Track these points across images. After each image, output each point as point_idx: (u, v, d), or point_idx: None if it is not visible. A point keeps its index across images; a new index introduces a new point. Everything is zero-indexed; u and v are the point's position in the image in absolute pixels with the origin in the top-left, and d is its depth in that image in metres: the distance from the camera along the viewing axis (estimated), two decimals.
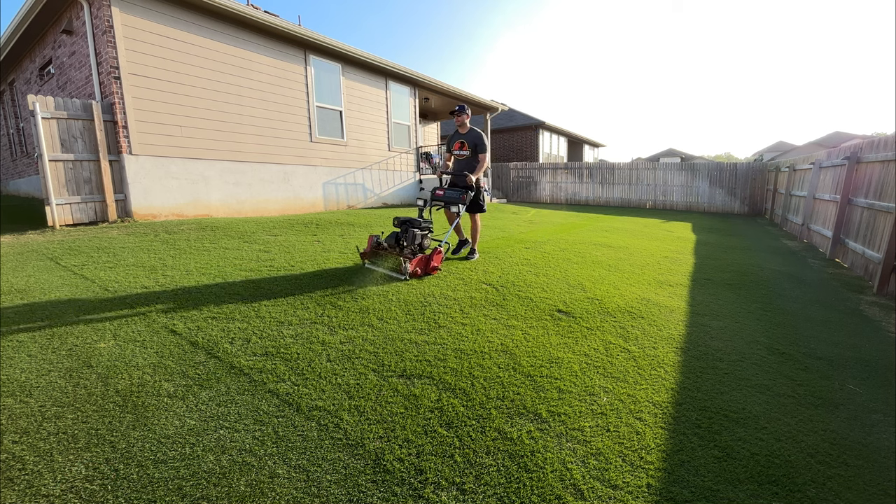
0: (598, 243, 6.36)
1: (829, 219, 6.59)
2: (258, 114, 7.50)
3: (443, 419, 1.86)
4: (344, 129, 9.16)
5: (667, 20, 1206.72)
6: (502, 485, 1.51)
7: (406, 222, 4.10)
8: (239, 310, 2.94)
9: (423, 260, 3.82)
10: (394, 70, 9.96)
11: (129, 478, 1.45)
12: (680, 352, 2.71)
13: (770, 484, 1.60)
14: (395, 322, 2.86)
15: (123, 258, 4.11)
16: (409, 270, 3.68)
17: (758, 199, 13.82)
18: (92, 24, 5.89)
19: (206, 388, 2.00)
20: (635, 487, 1.54)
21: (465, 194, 4.32)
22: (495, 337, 2.73)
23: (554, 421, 1.90)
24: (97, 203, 5.82)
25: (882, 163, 5.06)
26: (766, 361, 2.68)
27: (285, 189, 8.12)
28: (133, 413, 1.79)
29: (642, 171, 15.45)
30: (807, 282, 4.92)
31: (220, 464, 1.53)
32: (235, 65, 7.13)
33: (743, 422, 1.99)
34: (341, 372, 2.20)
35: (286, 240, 5.32)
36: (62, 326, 2.58)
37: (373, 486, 1.47)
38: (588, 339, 2.81)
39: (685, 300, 3.79)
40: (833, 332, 3.32)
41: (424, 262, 3.82)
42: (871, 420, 2.10)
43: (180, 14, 6.37)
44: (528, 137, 19.54)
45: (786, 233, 9.41)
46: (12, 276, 3.49)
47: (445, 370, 2.27)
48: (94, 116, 5.63)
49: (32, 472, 1.45)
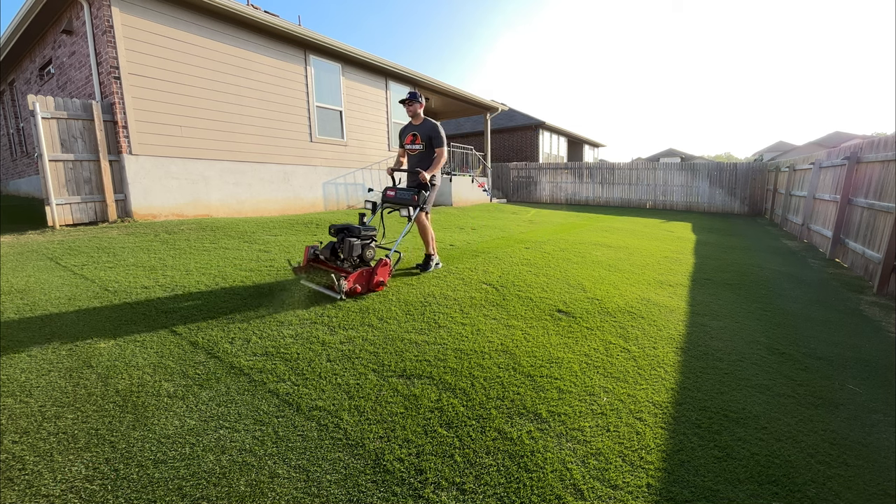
0: (598, 243, 6.36)
1: (829, 219, 6.59)
2: (258, 114, 7.50)
3: (443, 419, 1.86)
4: (344, 129, 9.16)
5: (667, 20, 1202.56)
6: (502, 485, 1.51)
7: (343, 230, 3.51)
8: (239, 310, 2.94)
9: (365, 275, 3.28)
10: (394, 70, 9.96)
11: (129, 478, 1.45)
12: (680, 352, 2.71)
13: (770, 484, 1.60)
14: (395, 322, 2.86)
15: (123, 258, 4.11)
16: (345, 288, 3.10)
17: (758, 199, 13.82)
18: (92, 24, 5.89)
19: (206, 388, 2.00)
20: (635, 487, 1.54)
21: (417, 194, 3.79)
22: (495, 337, 2.73)
23: (554, 421, 1.90)
24: (97, 203, 5.82)
25: (882, 163, 5.06)
26: (766, 361, 2.68)
27: (285, 189, 8.12)
28: (133, 413, 1.79)
29: (642, 171, 15.45)
30: (807, 282, 4.92)
31: (220, 464, 1.53)
32: (235, 65, 7.13)
33: (743, 422, 1.99)
34: (341, 372, 2.20)
35: (286, 240, 5.32)
36: (62, 326, 2.58)
37: (373, 486, 1.47)
38: (588, 339, 2.81)
39: (685, 300, 3.79)
40: (833, 332, 3.32)
41: (366, 277, 3.29)
42: (871, 420, 2.10)
43: (180, 14, 6.37)
44: (528, 137, 19.53)
45: (786, 233, 9.41)
46: (12, 276, 3.49)
47: (445, 370, 2.27)
48: (94, 116, 5.63)
49: (32, 472, 1.45)
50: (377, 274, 3.34)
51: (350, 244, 3.32)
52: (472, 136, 19.94)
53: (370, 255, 3.53)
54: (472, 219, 8.51)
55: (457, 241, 5.91)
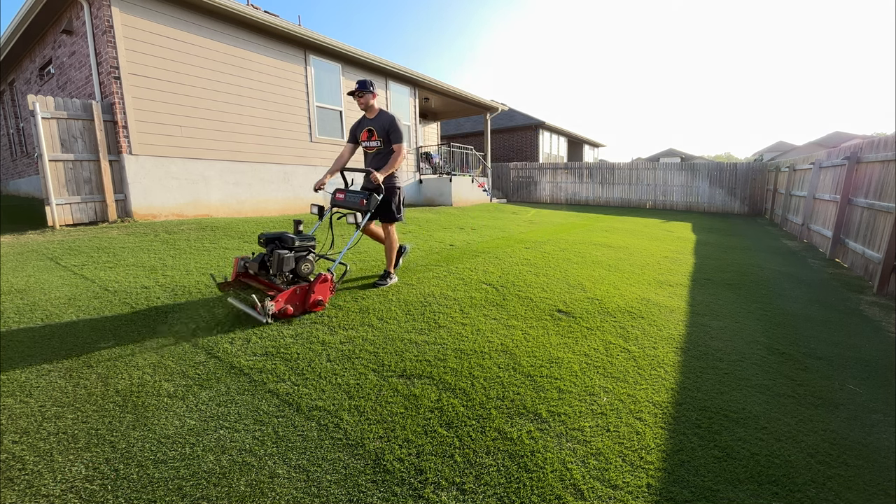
0: (598, 243, 6.36)
1: (829, 219, 6.59)
2: (258, 114, 7.50)
3: (443, 419, 1.86)
4: (344, 130, 9.16)
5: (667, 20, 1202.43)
6: (502, 485, 1.51)
7: (274, 240, 3.00)
8: (239, 309, 2.94)
9: (299, 293, 2.80)
10: (394, 70, 9.96)
11: (129, 478, 1.45)
12: (680, 352, 2.71)
13: (770, 484, 1.60)
14: (395, 322, 2.86)
15: (123, 258, 4.11)
16: (272, 310, 2.62)
17: (758, 199, 13.82)
18: (92, 24, 5.89)
19: (206, 388, 2.00)
20: (635, 487, 1.54)
21: (366, 198, 3.24)
22: (495, 337, 2.73)
23: (554, 421, 1.90)
24: (97, 203, 5.82)
25: (882, 163, 5.06)
26: (766, 361, 2.68)
27: (285, 189, 8.11)
28: (133, 413, 1.79)
29: (642, 171, 15.45)
30: (807, 282, 4.92)
31: (220, 464, 1.53)
32: (235, 65, 7.13)
33: (743, 422, 1.99)
34: (341, 372, 2.20)
35: None
36: (62, 326, 2.58)
37: (373, 486, 1.47)
38: (588, 339, 2.81)
39: (685, 300, 3.79)
40: (833, 332, 3.32)
41: (300, 295, 2.81)
42: (871, 420, 2.10)
43: (180, 14, 6.37)
44: (528, 137, 19.54)
45: (786, 233, 9.41)
46: (12, 276, 3.49)
47: (445, 370, 2.27)
48: (94, 116, 5.63)
49: (32, 472, 1.45)
50: (315, 291, 2.85)
51: (280, 257, 2.80)
52: (472, 136, 19.94)
53: (307, 270, 2.99)
54: (472, 219, 8.51)
55: (457, 241, 5.91)
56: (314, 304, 2.87)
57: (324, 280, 2.89)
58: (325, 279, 2.90)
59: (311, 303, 2.85)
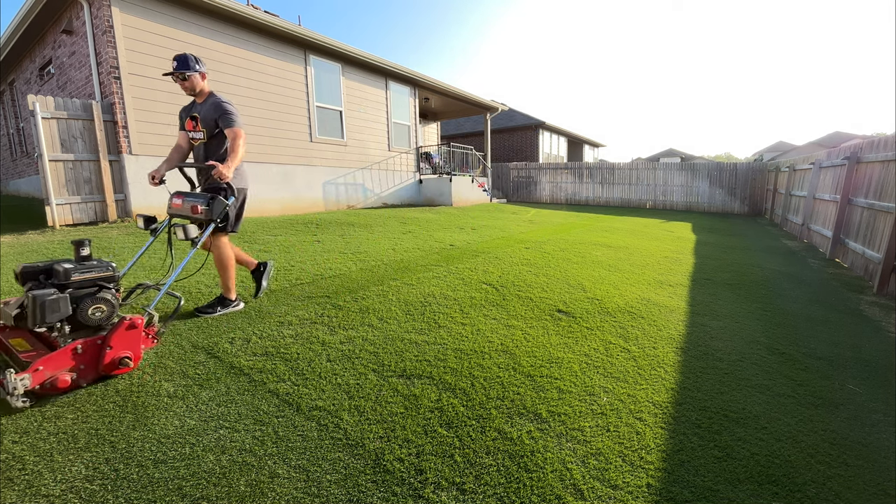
0: (598, 243, 6.36)
1: (829, 219, 6.59)
2: (258, 114, 7.50)
3: (443, 419, 1.86)
4: (344, 129, 9.16)
5: (667, 19, 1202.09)
6: (502, 485, 1.51)
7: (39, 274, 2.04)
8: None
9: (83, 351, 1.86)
10: (394, 70, 9.96)
11: (129, 478, 1.45)
12: (680, 352, 2.71)
13: (770, 484, 1.60)
14: (395, 322, 2.86)
15: (123, 258, 4.11)
16: (27, 386, 1.69)
17: (758, 199, 13.82)
18: (92, 24, 5.89)
19: (206, 388, 2.00)
20: (635, 487, 1.54)
21: (205, 204, 2.53)
22: (495, 337, 2.73)
23: (554, 421, 1.90)
24: (97, 203, 5.82)
25: (882, 163, 5.06)
26: (766, 361, 2.68)
27: (285, 189, 8.11)
28: (133, 413, 1.79)
29: (642, 171, 15.45)
30: (807, 282, 4.92)
31: (220, 464, 1.53)
32: (235, 65, 7.13)
33: (743, 422, 1.99)
34: (341, 372, 2.20)
35: (286, 240, 5.32)
36: None
37: (373, 486, 1.47)
38: (588, 339, 2.81)
39: (685, 300, 3.79)
40: (833, 332, 3.32)
41: (88, 353, 1.88)
42: (871, 420, 2.10)
43: (180, 14, 6.37)
44: (528, 137, 19.53)
45: (786, 233, 9.41)
46: (12, 276, 3.49)
47: (445, 370, 2.27)
48: (94, 116, 5.63)
49: (32, 472, 1.45)
50: (112, 346, 1.91)
51: (38, 301, 1.81)
52: (472, 136, 19.94)
53: (98, 315, 1.98)
54: (472, 219, 8.51)
55: (457, 241, 5.91)
56: (113, 364, 1.92)
57: (129, 326, 1.95)
58: (131, 324, 1.96)
59: (107, 363, 1.91)
